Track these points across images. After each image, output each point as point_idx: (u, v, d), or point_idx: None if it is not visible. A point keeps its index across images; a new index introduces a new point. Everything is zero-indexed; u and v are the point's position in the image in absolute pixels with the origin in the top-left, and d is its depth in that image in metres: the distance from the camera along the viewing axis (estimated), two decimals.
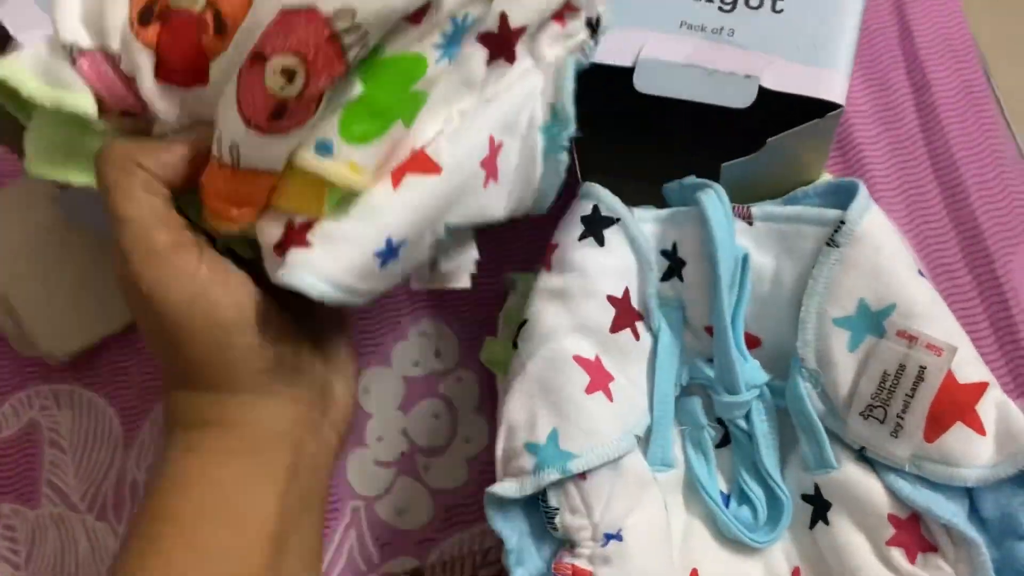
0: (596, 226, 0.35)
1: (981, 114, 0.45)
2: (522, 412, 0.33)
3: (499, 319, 0.41)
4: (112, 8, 0.31)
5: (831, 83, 0.35)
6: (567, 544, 0.32)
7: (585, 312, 0.34)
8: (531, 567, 0.32)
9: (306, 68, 0.26)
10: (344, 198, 0.29)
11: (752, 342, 0.36)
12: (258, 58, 0.27)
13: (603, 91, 0.35)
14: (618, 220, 0.35)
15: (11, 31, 0.34)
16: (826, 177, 0.39)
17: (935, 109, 0.46)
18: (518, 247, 0.45)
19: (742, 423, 0.35)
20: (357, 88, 0.28)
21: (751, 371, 0.34)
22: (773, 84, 0.34)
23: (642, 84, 0.35)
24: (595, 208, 0.35)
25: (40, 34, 0.32)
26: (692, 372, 0.36)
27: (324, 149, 0.28)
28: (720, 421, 0.36)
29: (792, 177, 0.38)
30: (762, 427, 0.35)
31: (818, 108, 0.35)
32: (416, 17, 0.27)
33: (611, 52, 0.36)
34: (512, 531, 0.32)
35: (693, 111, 0.35)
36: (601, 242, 0.35)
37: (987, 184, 0.44)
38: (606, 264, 0.35)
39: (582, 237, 0.35)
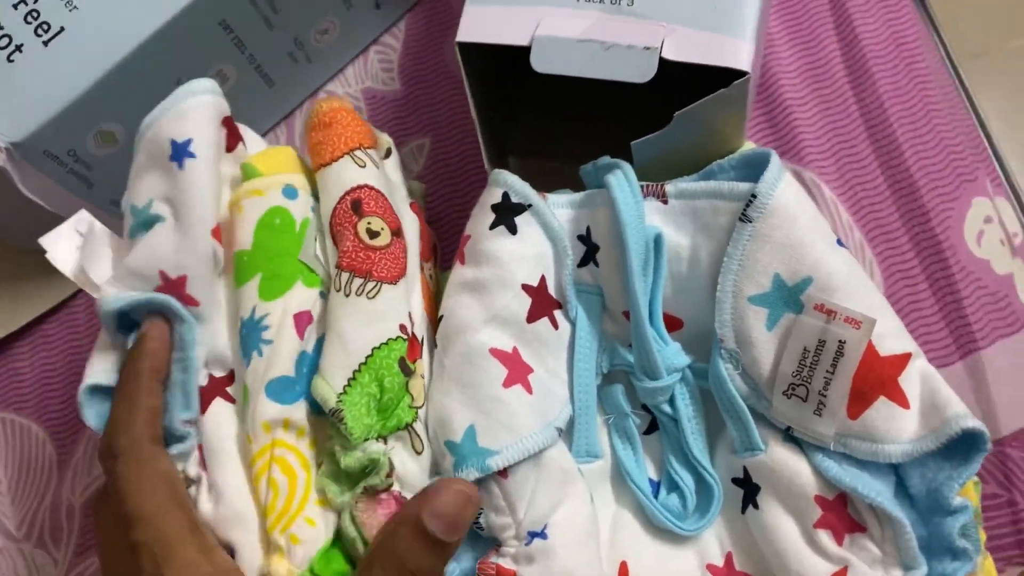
0: (507, 214, 0.34)
1: (913, 67, 0.44)
2: (441, 410, 0.32)
3: None
4: None
5: (736, 50, 0.33)
6: (493, 543, 0.31)
7: (500, 303, 0.33)
8: (464, 566, 0.32)
9: None
10: None
11: (673, 324, 0.34)
12: None
13: (523, 71, 0.34)
14: (529, 206, 0.34)
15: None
16: (748, 146, 0.38)
17: (866, 64, 0.44)
18: (446, 246, 0.44)
19: (667, 408, 0.34)
20: None
21: (671, 355, 0.33)
22: (674, 54, 0.33)
23: (539, 63, 0.34)
24: (505, 195, 0.34)
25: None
26: (612, 358, 0.35)
27: None
28: (646, 407, 0.35)
29: (711, 148, 0.37)
30: (687, 411, 0.34)
31: (729, 76, 0.33)
32: None
33: (509, 31, 0.34)
34: None
35: (610, 86, 0.33)
36: (513, 230, 0.34)
37: (921, 139, 0.42)
38: (520, 252, 0.34)
39: (493, 226, 0.34)
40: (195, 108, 0.34)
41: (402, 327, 0.33)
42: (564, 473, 0.32)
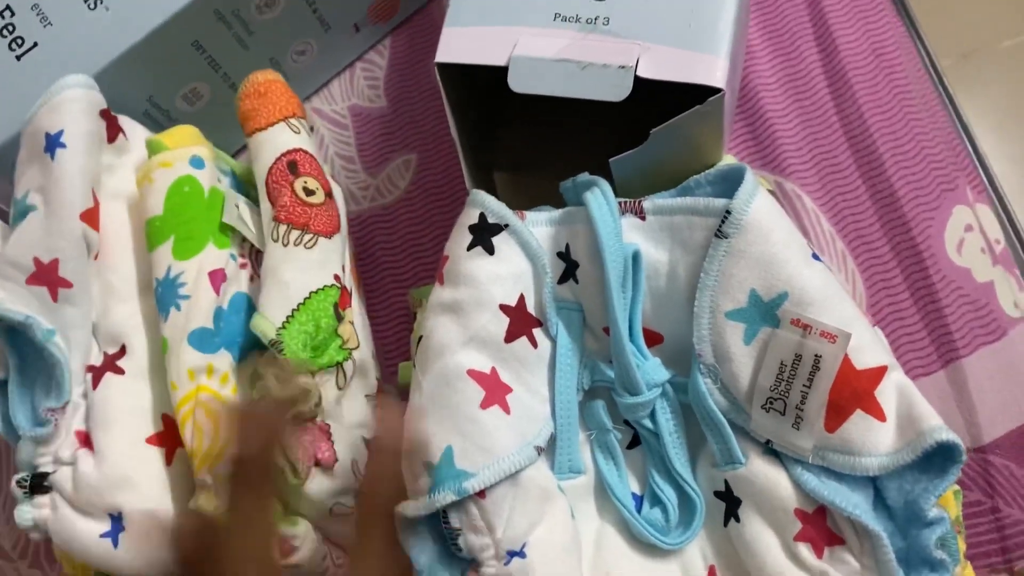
0: (484, 234, 0.34)
1: (893, 78, 0.44)
2: (419, 431, 0.32)
3: (411, 340, 0.40)
4: None
5: (711, 67, 0.33)
6: (471, 563, 0.32)
7: (478, 324, 0.33)
8: None
9: None
10: None
11: (653, 339, 0.35)
12: None
13: (507, 87, 0.34)
14: (506, 226, 0.34)
15: None
16: (728, 159, 0.38)
17: (846, 75, 0.44)
18: (432, 260, 0.45)
19: (648, 423, 0.34)
20: None
21: (651, 370, 0.34)
22: (649, 72, 0.33)
23: (516, 83, 0.34)
24: (481, 216, 0.34)
25: None
26: (594, 374, 0.35)
27: None
28: (628, 423, 0.35)
29: (690, 163, 0.37)
30: (668, 426, 0.34)
31: (706, 93, 0.34)
32: None
33: (487, 51, 0.35)
34: (421, 552, 0.32)
35: (596, 102, 0.34)
36: (491, 250, 0.34)
37: (902, 149, 0.43)
38: (497, 272, 0.34)
39: (471, 247, 0.34)
40: (67, 101, 0.36)
41: (336, 277, 0.36)
42: (543, 491, 0.33)
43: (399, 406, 0.33)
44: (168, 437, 0.36)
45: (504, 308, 0.34)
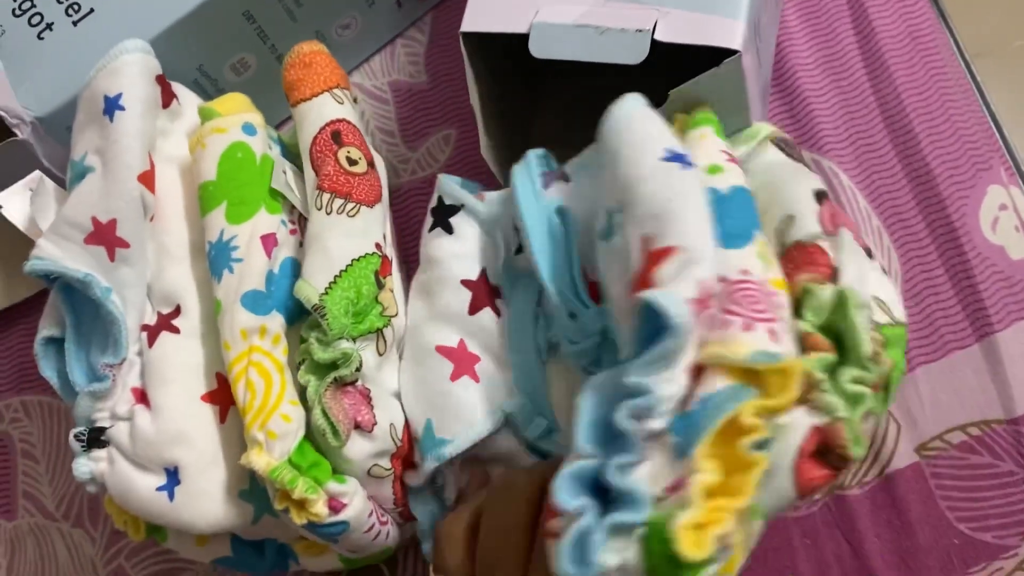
0: (442, 215, 0.38)
1: (929, 60, 0.45)
2: (405, 407, 0.36)
3: None
4: None
5: (729, 30, 0.34)
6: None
7: (443, 301, 0.36)
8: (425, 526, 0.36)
9: None
10: None
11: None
12: None
13: (542, 64, 0.35)
14: (462, 207, 0.37)
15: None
16: (758, 128, 0.38)
17: (882, 56, 0.45)
18: None
19: (593, 370, 0.33)
20: None
21: (589, 319, 0.33)
22: (667, 36, 0.34)
23: (537, 49, 0.35)
24: (440, 199, 0.37)
25: None
26: (549, 333, 0.35)
27: None
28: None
29: None
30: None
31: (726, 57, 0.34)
32: None
33: (510, 20, 0.36)
34: (424, 513, 0.36)
35: (635, 79, 0.35)
36: (449, 230, 0.37)
37: (937, 129, 0.44)
38: (456, 250, 0.37)
39: (431, 228, 0.38)
40: (126, 65, 0.37)
41: (377, 245, 0.36)
42: (509, 453, 0.35)
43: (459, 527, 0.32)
44: (221, 395, 0.36)
45: (466, 283, 0.36)
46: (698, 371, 0.27)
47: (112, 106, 0.36)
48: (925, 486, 0.39)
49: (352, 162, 0.37)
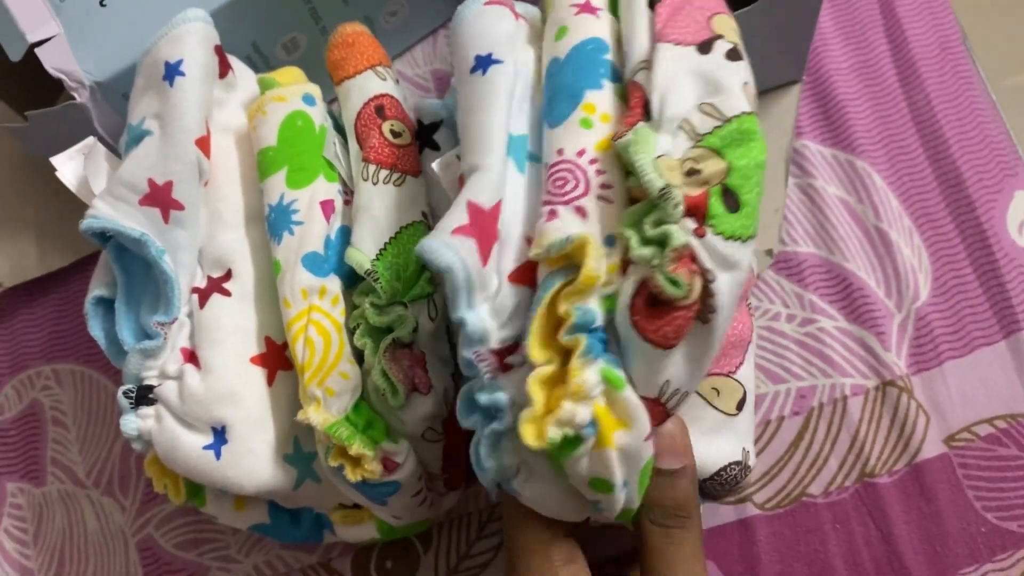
0: (425, 135, 0.39)
1: (958, 69, 0.47)
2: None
3: None
4: None
5: None
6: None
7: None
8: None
9: None
10: None
11: None
12: None
13: None
14: (440, 122, 0.39)
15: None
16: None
17: (914, 65, 0.47)
18: None
19: None
20: None
21: None
22: None
23: None
24: (419, 122, 0.40)
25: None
26: None
27: None
28: None
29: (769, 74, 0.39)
30: None
31: None
32: None
33: None
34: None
35: None
36: (435, 146, 0.39)
37: (967, 135, 0.45)
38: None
39: (420, 150, 0.39)
40: (188, 32, 0.37)
41: (424, 214, 0.37)
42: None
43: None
44: (270, 359, 0.37)
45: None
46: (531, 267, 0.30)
47: (172, 72, 0.37)
48: (953, 476, 0.40)
49: (396, 134, 0.38)
